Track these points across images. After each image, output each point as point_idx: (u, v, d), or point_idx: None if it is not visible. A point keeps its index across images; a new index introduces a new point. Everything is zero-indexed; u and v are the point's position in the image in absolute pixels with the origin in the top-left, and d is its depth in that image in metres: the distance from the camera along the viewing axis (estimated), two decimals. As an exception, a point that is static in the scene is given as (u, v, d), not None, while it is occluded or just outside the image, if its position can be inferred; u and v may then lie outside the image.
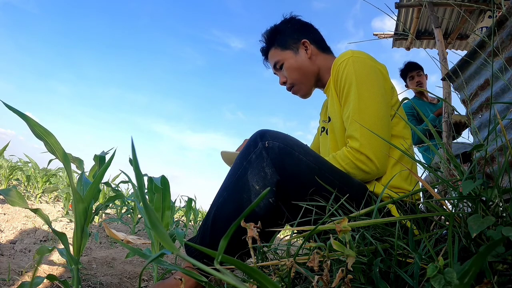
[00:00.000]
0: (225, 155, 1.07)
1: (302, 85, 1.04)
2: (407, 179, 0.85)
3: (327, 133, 1.03)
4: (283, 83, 1.07)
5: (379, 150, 0.78)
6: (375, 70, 0.86)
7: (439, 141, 0.56)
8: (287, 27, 1.05)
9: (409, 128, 0.92)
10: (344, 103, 0.86)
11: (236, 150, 1.08)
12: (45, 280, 0.63)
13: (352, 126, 0.81)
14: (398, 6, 2.42)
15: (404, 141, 0.87)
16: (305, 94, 1.08)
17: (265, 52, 1.10)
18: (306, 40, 1.02)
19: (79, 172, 0.85)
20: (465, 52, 1.61)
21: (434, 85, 2.37)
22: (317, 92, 1.13)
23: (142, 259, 1.27)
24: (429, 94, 2.34)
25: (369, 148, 0.77)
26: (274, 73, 1.10)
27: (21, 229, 1.52)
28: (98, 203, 2.26)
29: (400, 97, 0.95)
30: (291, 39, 1.03)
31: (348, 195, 0.63)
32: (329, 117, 0.97)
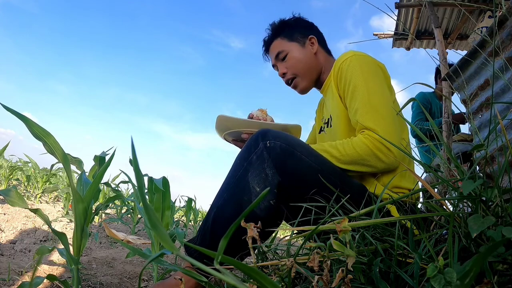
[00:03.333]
0: (222, 120, 0.93)
1: (304, 78, 1.03)
2: (407, 180, 0.85)
3: (325, 132, 1.03)
4: (283, 74, 1.05)
5: (396, 142, 0.77)
6: (377, 67, 0.87)
7: (441, 140, 0.56)
8: (296, 22, 1.06)
9: (407, 128, 0.92)
10: (351, 99, 0.84)
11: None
12: (45, 280, 0.63)
13: (366, 117, 0.79)
14: (398, 6, 2.42)
15: (403, 140, 0.87)
16: (304, 89, 1.06)
17: (268, 42, 1.08)
18: (313, 36, 1.03)
19: (79, 172, 0.85)
20: (465, 52, 1.61)
21: (434, 85, 2.38)
22: (315, 91, 1.13)
23: (142, 259, 1.27)
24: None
25: (388, 139, 0.76)
26: (273, 65, 1.08)
27: (21, 229, 1.52)
28: (98, 203, 2.26)
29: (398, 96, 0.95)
30: (298, 33, 1.03)
31: (348, 195, 0.63)
32: (330, 116, 0.97)
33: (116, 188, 2.04)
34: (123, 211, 2.57)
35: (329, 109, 0.99)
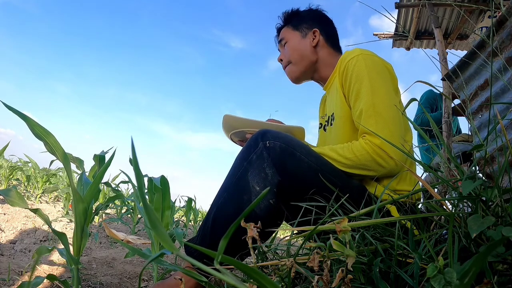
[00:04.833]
0: (228, 119, 0.95)
1: (295, 66, 1.05)
2: (407, 183, 0.85)
3: (325, 130, 1.03)
4: (280, 60, 1.09)
5: (398, 147, 0.77)
6: (384, 68, 0.86)
7: (441, 141, 0.56)
8: (307, 13, 1.09)
9: (410, 130, 0.92)
10: (355, 100, 0.84)
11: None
12: (45, 280, 0.63)
13: (369, 121, 0.79)
14: (398, 6, 2.42)
15: (406, 143, 0.87)
16: (296, 78, 1.08)
17: (278, 29, 1.13)
18: (317, 29, 1.04)
19: (79, 172, 0.85)
20: (465, 52, 1.61)
21: (434, 86, 2.38)
22: (316, 91, 1.13)
23: (142, 259, 1.27)
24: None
25: (389, 145, 0.74)
26: (278, 50, 1.13)
27: (21, 229, 1.51)
28: (98, 203, 2.26)
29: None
30: (305, 23, 1.06)
31: (348, 195, 0.63)
32: (332, 114, 0.96)
33: (116, 188, 2.04)
34: (123, 211, 2.57)
35: (331, 107, 0.98)
